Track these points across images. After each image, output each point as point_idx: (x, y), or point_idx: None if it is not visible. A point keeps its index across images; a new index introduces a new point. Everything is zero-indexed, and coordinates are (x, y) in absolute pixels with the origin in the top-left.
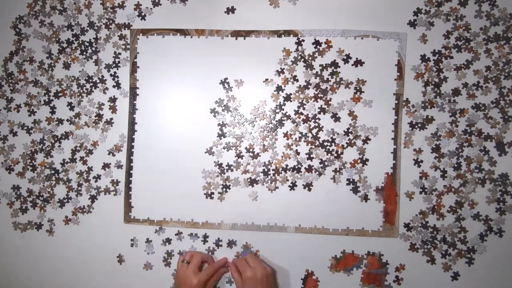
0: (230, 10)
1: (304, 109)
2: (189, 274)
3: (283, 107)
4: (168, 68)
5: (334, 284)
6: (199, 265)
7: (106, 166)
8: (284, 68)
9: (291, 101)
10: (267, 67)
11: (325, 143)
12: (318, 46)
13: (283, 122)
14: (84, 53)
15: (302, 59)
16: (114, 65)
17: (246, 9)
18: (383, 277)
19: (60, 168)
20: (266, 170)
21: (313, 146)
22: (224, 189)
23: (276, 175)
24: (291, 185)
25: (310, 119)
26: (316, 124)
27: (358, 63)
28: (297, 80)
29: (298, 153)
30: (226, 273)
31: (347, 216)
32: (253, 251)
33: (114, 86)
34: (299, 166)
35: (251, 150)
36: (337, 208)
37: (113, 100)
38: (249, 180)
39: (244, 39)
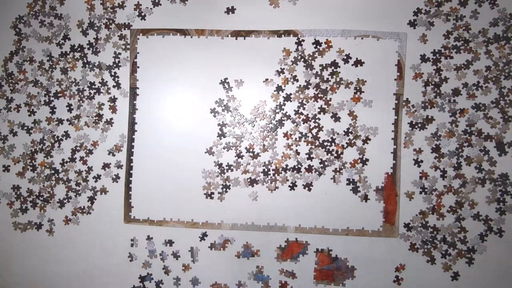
0: (230, 10)
1: (304, 109)
2: None
3: (283, 107)
4: (168, 68)
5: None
6: None
7: (106, 166)
8: (284, 68)
9: (291, 101)
10: (267, 67)
11: (325, 143)
12: (318, 46)
13: (283, 122)
14: (85, 59)
15: (302, 59)
16: (114, 65)
17: (246, 9)
18: (334, 271)
19: (60, 168)
20: (266, 170)
21: (313, 146)
22: (224, 189)
23: (276, 175)
24: (291, 185)
25: (310, 119)
26: (316, 124)
27: (358, 63)
28: (297, 80)
29: (298, 153)
30: None
31: (347, 216)
32: (253, 251)
33: (114, 86)
34: (299, 166)
35: (251, 150)
36: (337, 208)
37: (113, 100)
38: (249, 180)
39: (244, 39)
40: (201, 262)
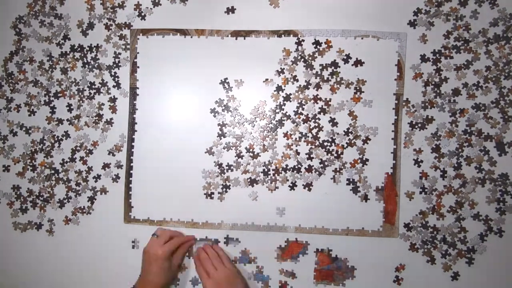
0: (230, 10)
1: (303, 109)
2: (155, 245)
3: (283, 107)
4: (168, 68)
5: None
6: (167, 240)
7: (106, 166)
8: (284, 68)
9: (290, 101)
10: (267, 67)
11: (325, 143)
12: (318, 46)
13: (283, 122)
14: (85, 59)
15: (302, 59)
16: (114, 65)
17: (246, 9)
18: (334, 271)
19: (60, 168)
20: (266, 170)
21: (313, 146)
22: (224, 189)
23: (276, 175)
24: (291, 185)
25: (310, 119)
26: (316, 124)
27: (358, 63)
28: (297, 80)
29: (298, 153)
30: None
31: (347, 216)
32: (250, 257)
33: (114, 86)
34: (299, 166)
35: (251, 150)
36: (337, 208)
37: (113, 100)
38: (249, 180)
39: (244, 39)
40: None
